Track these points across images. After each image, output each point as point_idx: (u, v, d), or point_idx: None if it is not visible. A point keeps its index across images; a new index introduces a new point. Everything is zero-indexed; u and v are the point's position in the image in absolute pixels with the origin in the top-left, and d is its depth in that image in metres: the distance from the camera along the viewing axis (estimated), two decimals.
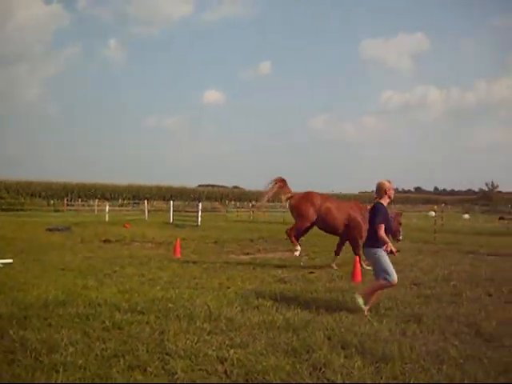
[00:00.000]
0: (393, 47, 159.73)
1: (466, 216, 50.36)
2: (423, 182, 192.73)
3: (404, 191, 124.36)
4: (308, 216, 12.23)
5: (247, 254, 15.05)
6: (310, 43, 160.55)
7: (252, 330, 5.96)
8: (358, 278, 9.74)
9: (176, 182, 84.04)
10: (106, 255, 13.47)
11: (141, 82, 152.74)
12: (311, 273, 10.74)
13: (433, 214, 30.70)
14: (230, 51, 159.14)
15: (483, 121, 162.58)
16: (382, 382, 4.39)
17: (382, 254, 6.89)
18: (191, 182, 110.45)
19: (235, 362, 4.83)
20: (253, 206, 44.76)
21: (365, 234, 8.69)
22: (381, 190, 7.04)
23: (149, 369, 4.60)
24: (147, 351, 5.09)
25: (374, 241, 6.97)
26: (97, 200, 56.81)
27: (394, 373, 4.57)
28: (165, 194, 73.69)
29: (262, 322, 6.28)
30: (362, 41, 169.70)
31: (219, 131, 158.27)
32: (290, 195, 12.72)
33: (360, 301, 6.83)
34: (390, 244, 6.82)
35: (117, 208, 49.15)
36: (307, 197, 12.55)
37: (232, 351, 5.10)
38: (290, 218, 14.93)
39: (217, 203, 68.21)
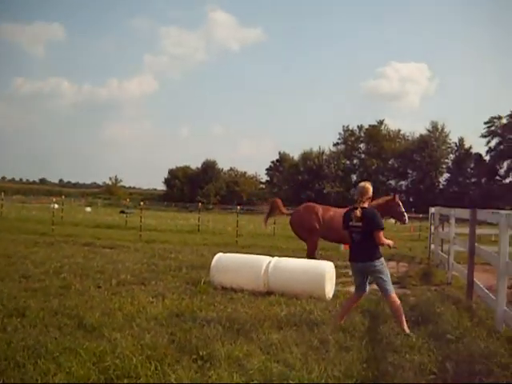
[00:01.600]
0: (28, 34, 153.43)
1: (88, 209, 51.65)
2: (48, 174, 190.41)
3: (28, 182, 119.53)
4: (313, 228, 11.63)
5: None
6: None
7: None
8: None
9: None
10: None
11: None
12: None
13: (54, 206, 30.52)
14: None
15: (111, 116, 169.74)
16: None
17: (385, 264, 6.51)
18: None
19: None
20: None
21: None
22: (366, 194, 6.47)
23: None
24: None
25: (374, 251, 6.43)
26: None
27: None
28: None
29: None
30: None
31: None
32: (289, 212, 12.50)
33: (408, 332, 6.20)
34: (389, 242, 6.48)
35: None
36: (306, 209, 12.07)
37: None
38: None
39: None
